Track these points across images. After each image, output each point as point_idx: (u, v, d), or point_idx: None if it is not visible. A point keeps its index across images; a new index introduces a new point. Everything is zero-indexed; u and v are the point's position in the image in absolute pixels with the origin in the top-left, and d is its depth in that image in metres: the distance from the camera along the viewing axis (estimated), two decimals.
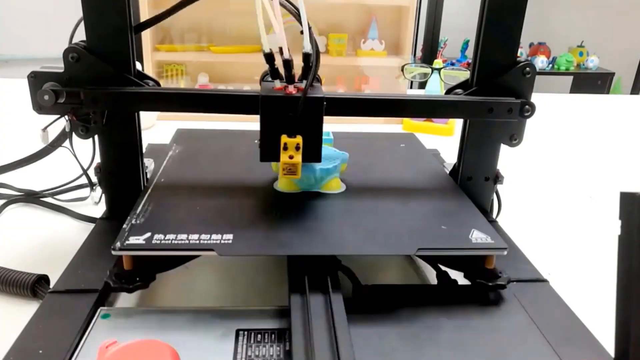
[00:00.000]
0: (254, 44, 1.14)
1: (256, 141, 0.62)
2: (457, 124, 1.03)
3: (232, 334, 0.37)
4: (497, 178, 0.56)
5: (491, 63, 0.51)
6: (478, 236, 0.43)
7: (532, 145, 0.99)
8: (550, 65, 2.77)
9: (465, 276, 0.45)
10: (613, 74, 2.78)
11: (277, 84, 0.45)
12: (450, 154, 0.66)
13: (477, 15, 0.51)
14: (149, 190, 0.49)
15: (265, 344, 0.36)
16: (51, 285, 0.43)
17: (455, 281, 0.45)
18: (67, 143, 0.51)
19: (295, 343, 0.34)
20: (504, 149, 0.55)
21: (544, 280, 0.46)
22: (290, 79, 0.44)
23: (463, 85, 0.54)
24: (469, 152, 0.55)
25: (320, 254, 0.40)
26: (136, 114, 0.51)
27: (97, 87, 0.47)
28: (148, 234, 0.40)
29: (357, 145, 0.59)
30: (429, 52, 2.26)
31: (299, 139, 0.44)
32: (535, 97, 0.52)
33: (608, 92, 2.77)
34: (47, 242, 0.55)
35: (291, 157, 0.44)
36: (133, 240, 0.39)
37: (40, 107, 0.47)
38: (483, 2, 0.50)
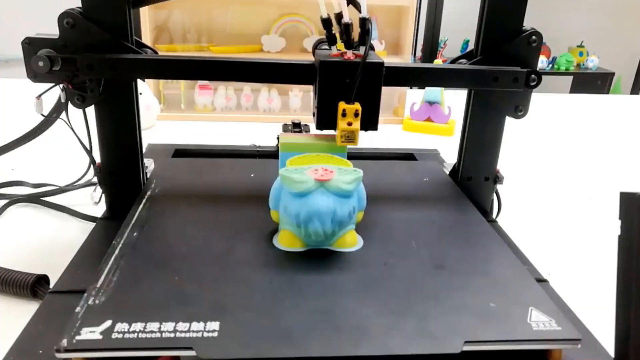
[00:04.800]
0: (254, 44, 1.15)
1: (252, 175, 0.56)
2: (457, 124, 1.03)
3: None
4: (497, 178, 0.56)
5: (496, 31, 0.50)
6: (539, 319, 0.34)
7: (532, 145, 0.99)
8: (550, 65, 2.77)
9: None
10: (613, 74, 2.78)
11: (334, 50, 0.45)
12: (450, 154, 0.66)
13: (477, 16, 0.51)
14: (117, 250, 0.40)
15: None
16: (51, 285, 0.43)
17: None
18: (63, 115, 0.49)
19: None
20: (504, 149, 0.55)
21: (544, 280, 0.46)
22: (349, 44, 0.44)
23: (467, 55, 0.53)
24: (469, 147, 0.54)
25: (335, 355, 0.31)
26: (134, 89, 0.50)
27: (93, 53, 0.45)
28: (108, 323, 0.31)
29: (372, 179, 0.48)
30: (429, 52, 2.25)
31: (357, 106, 0.43)
32: (535, 97, 0.52)
33: (608, 92, 2.77)
34: (48, 242, 0.55)
35: (349, 124, 0.43)
36: (86, 334, 0.30)
37: (35, 75, 0.45)
38: None
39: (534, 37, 0.49)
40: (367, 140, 0.72)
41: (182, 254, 0.40)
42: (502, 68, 0.49)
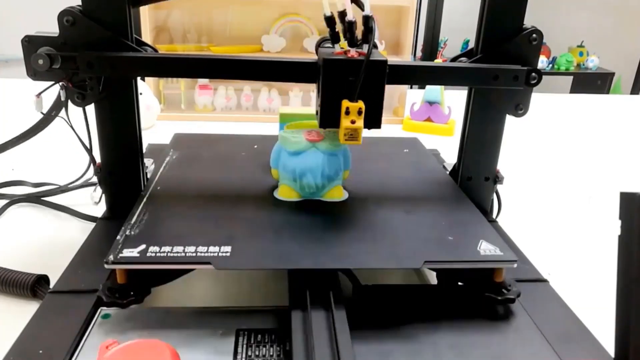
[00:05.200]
0: (254, 44, 1.15)
1: (255, 146, 0.62)
2: (457, 124, 1.03)
3: (232, 334, 0.37)
4: (497, 178, 0.56)
5: (496, 30, 0.50)
6: (487, 248, 0.41)
7: (532, 145, 0.99)
8: (550, 65, 2.77)
9: (473, 289, 0.42)
10: (613, 74, 2.78)
11: (337, 48, 0.45)
12: (450, 154, 0.66)
13: (477, 16, 0.51)
14: (145, 199, 0.47)
15: (265, 344, 0.36)
16: (51, 285, 0.43)
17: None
18: (63, 113, 0.49)
19: None
20: (504, 149, 0.55)
21: (544, 280, 0.46)
22: (352, 41, 0.43)
23: (468, 53, 0.53)
24: (469, 146, 0.54)
25: (322, 267, 0.39)
26: (134, 87, 0.49)
27: (93, 51, 0.45)
28: (143, 246, 0.38)
29: (359, 150, 0.55)
30: (429, 52, 2.25)
31: (361, 104, 0.43)
32: (535, 97, 0.52)
33: (608, 92, 2.77)
34: (48, 242, 0.55)
35: (353, 122, 0.43)
36: (127, 253, 0.38)
37: (34, 73, 0.45)
38: None
39: (534, 35, 0.49)
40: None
41: (199, 201, 0.48)
42: (502, 66, 0.49)
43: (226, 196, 0.49)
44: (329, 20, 0.44)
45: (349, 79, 0.43)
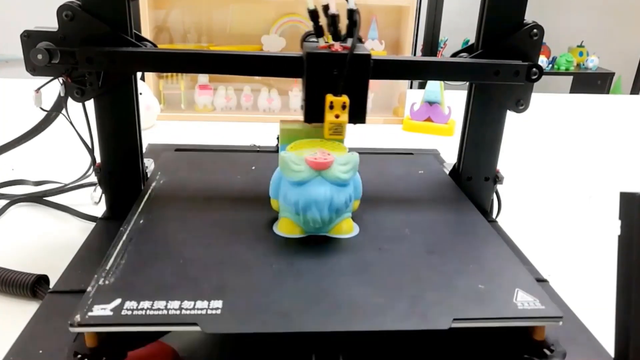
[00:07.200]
0: (254, 44, 1.14)
1: (253, 167, 0.58)
2: (457, 124, 1.03)
3: None
4: (497, 178, 0.56)
5: (497, 25, 0.49)
6: (524, 299, 0.35)
7: (532, 145, 0.99)
8: (550, 65, 2.77)
9: (507, 349, 0.36)
10: (613, 74, 2.78)
11: (322, 42, 0.44)
12: (450, 154, 0.66)
13: (477, 16, 0.51)
14: (124, 237, 0.41)
15: None
16: (51, 285, 0.43)
17: None
18: (64, 112, 0.49)
19: None
20: (504, 149, 0.55)
21: (544, 280, 0.46)
22: (336, 35, 0.43)
23: (468, 49, 0.52)
24: (469, 146, 0.54)
25: (330, 330, 0.32)
26: (133, 83, 0.49)
27: (92, 46, 0.45)
28: (117, 301, 0.32)
29: (368, 171, 0.48)
30: (429, 52, 2.25)
31: (345, 98, 0.42)
32: (535, 97, 0.52)
33: (608, 92, 2.77)
34: (48, 242, 0.55)
35: (337, 116, 0.42)
36: (98, 311, 0.31)
37: (33, 68, 0.45)
38: None
39: (535, 30, 0.49)
40: (367, 140, 0.72)
41: (186, 239, 0.42)
42: (503, 61, 0.49)
43: (218, 233, 0.43)
44: (313, 14, 0.44)
45: (333, 72, 0.42)
